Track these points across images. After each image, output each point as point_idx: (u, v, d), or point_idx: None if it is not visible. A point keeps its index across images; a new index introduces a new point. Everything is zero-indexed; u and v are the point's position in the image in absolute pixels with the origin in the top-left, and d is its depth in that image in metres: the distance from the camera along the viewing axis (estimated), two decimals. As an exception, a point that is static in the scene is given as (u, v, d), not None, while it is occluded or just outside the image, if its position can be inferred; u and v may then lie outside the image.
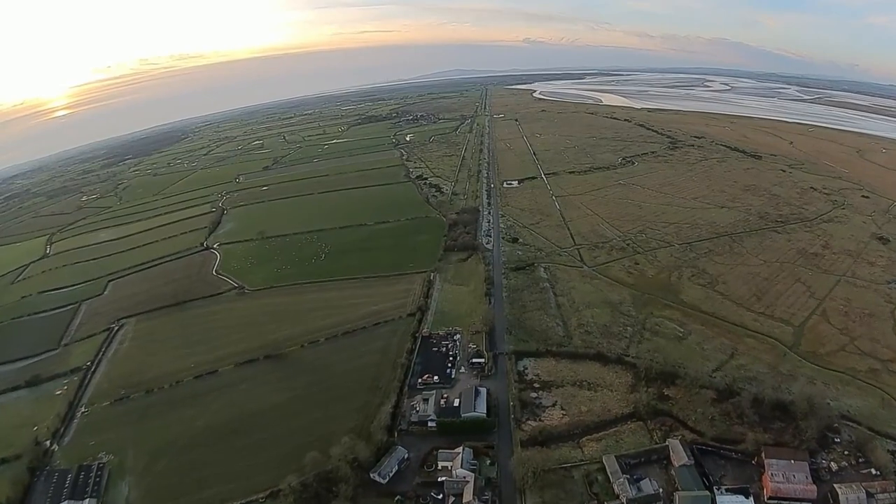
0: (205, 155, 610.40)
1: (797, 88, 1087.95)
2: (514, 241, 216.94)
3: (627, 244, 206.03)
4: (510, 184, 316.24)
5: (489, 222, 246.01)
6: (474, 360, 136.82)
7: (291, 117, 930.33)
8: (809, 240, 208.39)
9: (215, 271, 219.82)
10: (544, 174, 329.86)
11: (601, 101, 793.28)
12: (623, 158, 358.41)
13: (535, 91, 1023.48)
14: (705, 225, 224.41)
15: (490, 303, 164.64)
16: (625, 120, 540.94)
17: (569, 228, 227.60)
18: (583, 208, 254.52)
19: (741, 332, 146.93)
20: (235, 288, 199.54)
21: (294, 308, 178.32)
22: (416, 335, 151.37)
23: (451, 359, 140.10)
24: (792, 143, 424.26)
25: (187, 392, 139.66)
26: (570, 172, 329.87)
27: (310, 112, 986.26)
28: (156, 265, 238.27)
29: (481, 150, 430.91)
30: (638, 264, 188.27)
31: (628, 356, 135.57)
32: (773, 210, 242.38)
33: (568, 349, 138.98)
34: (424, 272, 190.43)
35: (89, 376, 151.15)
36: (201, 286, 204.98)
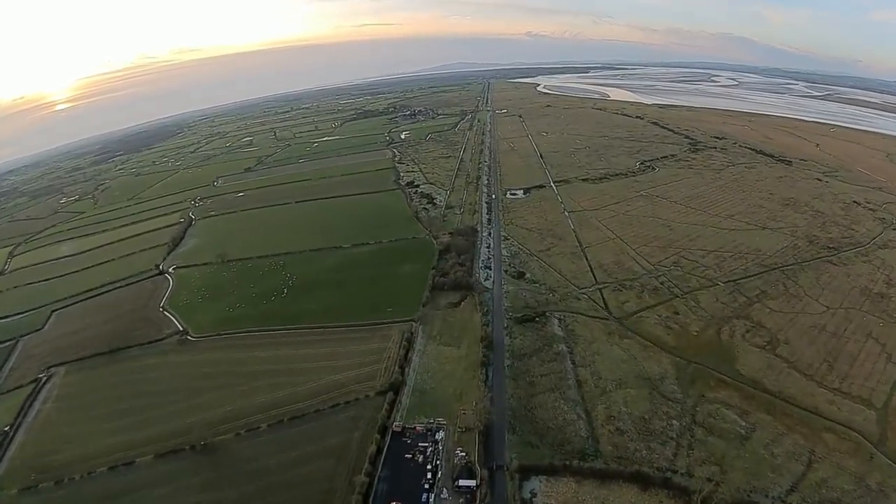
0: (192, 153, 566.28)
1: (805, 84, 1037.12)
2: (520, 276, 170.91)
3: (661, 282, 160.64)
4: (514, 194, 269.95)
5: (489, 247, 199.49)
6: (462, 483, 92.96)
7: (288, 111, 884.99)
8: (869, 273, 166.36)
9: (162, 307, 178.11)
10: (553, 182, 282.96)
11: (608, 96, 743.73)
12: (641, 163, 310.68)
13: (538, 85, 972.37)
14: (750, 253, 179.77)
15: (487, 378, 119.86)
16: (636, 117, 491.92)
17: (587, 258, 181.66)
18: (602, 229, 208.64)
19: (816, 422, 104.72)
20: (178, 333, 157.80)
21: (238, 370, 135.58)
22: (386, 427, 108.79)
23: (429, 474, 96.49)
24: (818, 145, 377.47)
25: (98, 490, 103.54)
26: (583, 180, 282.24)
27: (307, 106, 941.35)
28: (103, 293, 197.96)
29: (482, 151, 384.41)
30: (678, 314, 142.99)
31: (676, 471, 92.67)
32: (821, 232, 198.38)
33: (594, 464, 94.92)
34: (404, 322, 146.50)
35: (6, 445, 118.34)
36: (143, 327, 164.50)
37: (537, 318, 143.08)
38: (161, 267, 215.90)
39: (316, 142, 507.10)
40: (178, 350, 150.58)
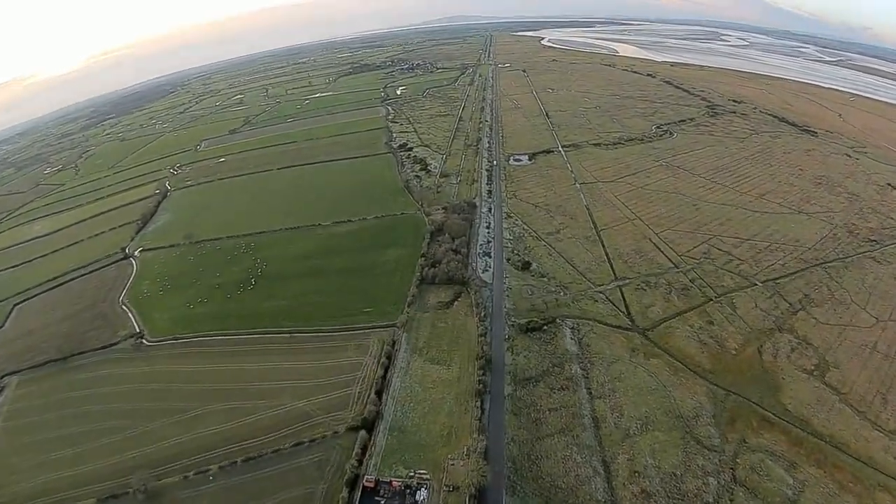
0: (180, 113, 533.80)
1: (815, 48, 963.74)
2: (525, 266, 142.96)
3: (691, 280, 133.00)
4: (518, 160, 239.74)
5: (489, 228, 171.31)
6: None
7: (284, 66, 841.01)
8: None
9: (121, 300, 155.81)
10: (562, 146, 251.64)
11: (616, 52, 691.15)
12: (657, 126, 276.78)
13: (542, 38, 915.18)
14: (787, 244, 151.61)
15: (482, 412, 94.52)
16: (648, 75, 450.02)
17: (604, 244, 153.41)
18: (619, 206, 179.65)
19: (870, 476, 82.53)
20: (134, 336, 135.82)
21: (193, 388, 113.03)
22: (357, 478, 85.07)
23: (407, 554, 73.99)
24: (841, 115, 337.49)
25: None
26: (594, 144, 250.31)
27: (303, 61, 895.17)
28: (65, 282, 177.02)
29: (482, 109, 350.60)
30: (713, 324, 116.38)
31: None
32: (859, 221, 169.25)
33: (619, 547, 71.78)
34: (385, 328, 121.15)
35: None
36: (99, 327, 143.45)
37: (545, 326, 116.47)
38: (127, 250, 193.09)
39: (307, 99, 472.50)
40: (131, 358, 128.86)
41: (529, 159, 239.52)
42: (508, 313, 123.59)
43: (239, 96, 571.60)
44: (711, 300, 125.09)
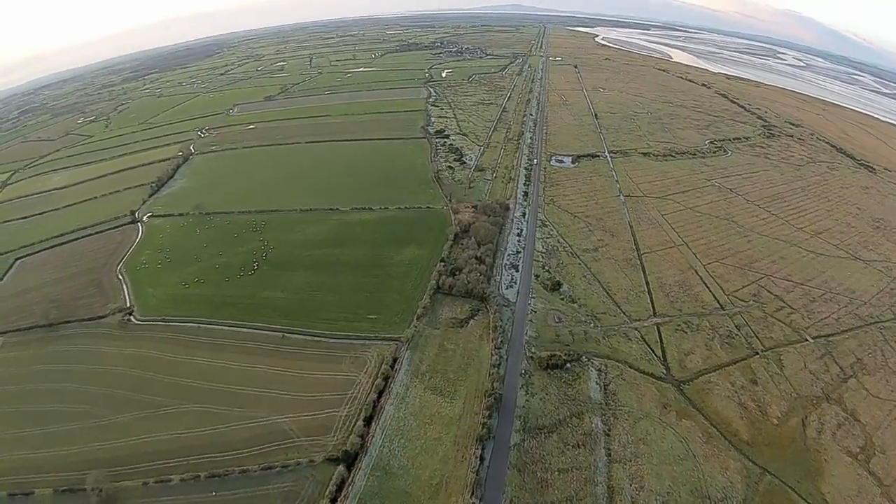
0: (220, 75, 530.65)
1: (872, 78, 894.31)
2: (556, 287, 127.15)
3: (738, 325, 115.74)
4: (561, 161, 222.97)
5: (520, 236, 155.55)
6: None
7: (331, 37, 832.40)
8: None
9: (118, 269, 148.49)
10: (609, 151, 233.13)
11: (670, 57, 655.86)
12: (711, 141, 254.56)
13: (597, 36, 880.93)
14: (842, 295, 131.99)
15: (482, 461, 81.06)
16: (702, 85, 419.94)
17: (645, 271, 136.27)
18: (665, 227, 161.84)
19: None
20: (123, 311, 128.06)
21: (171, 380, 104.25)
22: (327, 524, 73.63)
23: None
24: None
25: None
26: (643, 154, 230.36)
27: (353, 34, 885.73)
28: (70, 241, 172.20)
29: (528, 101, 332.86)
30: (756, 384, 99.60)
31: None
32: None
33: None
34: (387, 341, 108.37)
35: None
36: (91, 295, 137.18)
37: (569, 364, 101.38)
38: (136, 214, 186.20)
39: (350, 72, 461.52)
40: (116, 336, 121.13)
41: (573, 162, 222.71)
42: (529, 342, 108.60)
43: (281, 63, 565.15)
44: (758, 353, 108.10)
